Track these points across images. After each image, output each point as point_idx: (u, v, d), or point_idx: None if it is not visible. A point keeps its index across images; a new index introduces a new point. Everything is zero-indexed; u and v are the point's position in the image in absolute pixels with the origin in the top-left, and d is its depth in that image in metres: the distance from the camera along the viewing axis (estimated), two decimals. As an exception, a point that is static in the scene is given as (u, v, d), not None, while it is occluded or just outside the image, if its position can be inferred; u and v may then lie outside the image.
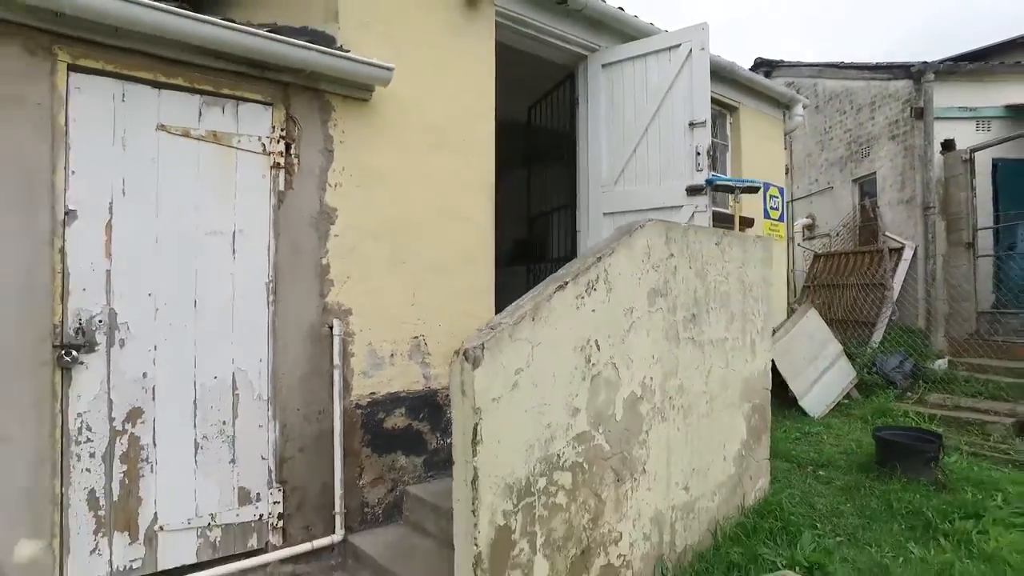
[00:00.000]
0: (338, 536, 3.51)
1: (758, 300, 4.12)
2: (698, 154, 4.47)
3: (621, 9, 5.02)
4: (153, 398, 3.02)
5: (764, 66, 12.98)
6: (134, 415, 2.98)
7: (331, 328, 3.51)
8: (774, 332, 7.00)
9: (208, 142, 3.14)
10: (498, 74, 4.53)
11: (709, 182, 4.42)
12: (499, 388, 2.56)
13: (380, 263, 3.79)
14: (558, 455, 2.81)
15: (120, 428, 2.94)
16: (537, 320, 2.72)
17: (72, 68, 2.77)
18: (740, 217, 5.05)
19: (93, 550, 2.85)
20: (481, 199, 4.29)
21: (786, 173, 12.22)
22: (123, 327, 2.94)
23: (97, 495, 2.88)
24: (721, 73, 6.21)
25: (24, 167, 2.67)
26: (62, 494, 2.79)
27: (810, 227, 11.63)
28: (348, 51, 3.50)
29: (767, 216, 6.92)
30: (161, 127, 3.01)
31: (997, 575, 3.29)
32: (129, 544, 2.96)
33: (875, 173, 9.83)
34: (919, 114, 8.82)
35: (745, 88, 6.57)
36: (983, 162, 8.76)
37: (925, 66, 8.75)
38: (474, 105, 4.25)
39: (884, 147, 9.60)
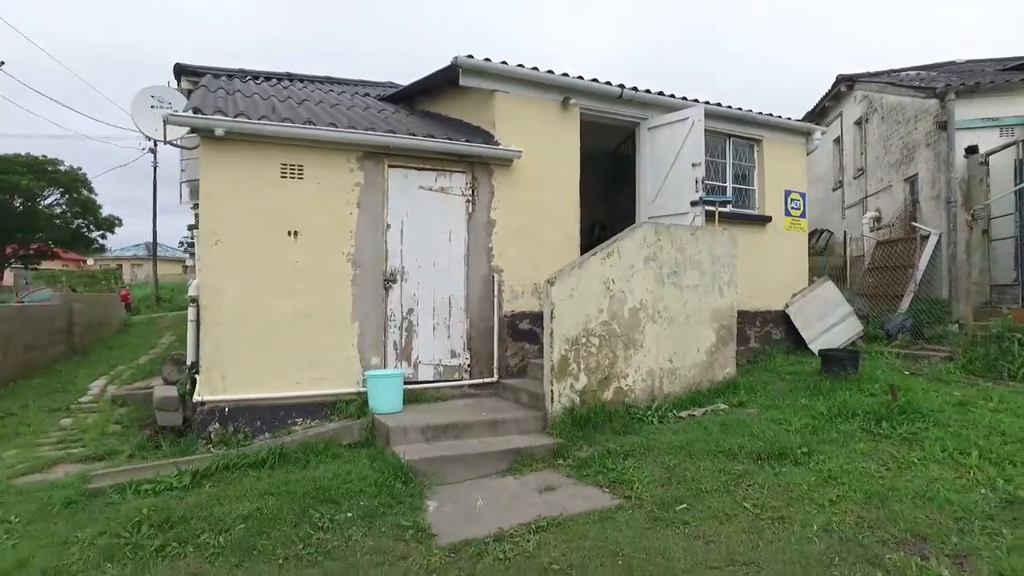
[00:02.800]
0: (495, 378, 7.23)
1: (724, 266, 7.27)
2: (696, 181, 7.65)
3: (660, 93, 8.28)
4: (417, 304, 6.89)
5: (845, 81, 15.18)
6: (409, 312, 6.87)
7: (493, 277, 7.23)
8: (793, 296, 9.80)
9: (438, 192, 6.97)
10: (591, 131, 8.01)
11: (701, 199, 7.58)
12: (563, 295, 6.10)
13: (517, 247, 7.44)
14: (592, 329, 6.29)
15: (404, 316, 6.84)
16: (581, 267, 6.23)
17: (389, 166, 6.70)
18: (738, 214, 8.09)
19: (395, 366, 6.77)
20: (570, 211, 7.81)
21: (858, 177, 14.41)
22: (406, 273, 6.84)
23: (397, 344, 6.80)
24: (745, 118, 9.18)
25: (374, 209, 6.63)
26: (384, 341, 6.73)
27: (877, 219, 13.76)
28: (499, 143, 7.19)
29: (787, 214, 9.71)
30: (420, 187, 6.88)
31: (830, 405, 6.24)
32: (408, 367, 6.85)
33: (917, 174, 11.98)
34: (943, 126, 10.98)
35: (766, 125, 9.43)
36: (1005, 163, 10.71)
37: (947, 88, 10.89)
38: (566, 161, 7.78)
39: (922, 153, 11.75)
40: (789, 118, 9.64)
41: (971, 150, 10.86)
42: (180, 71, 9.79)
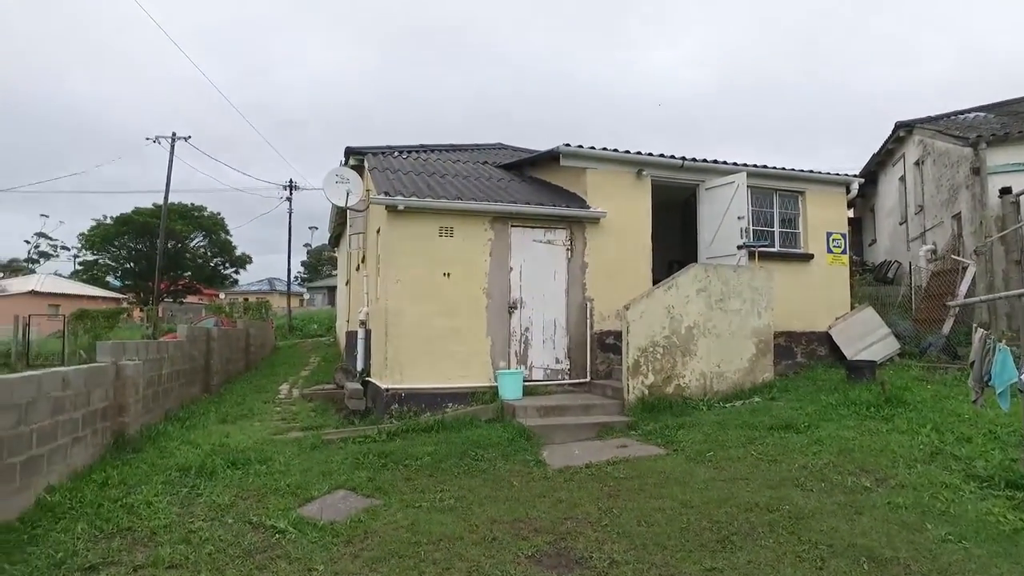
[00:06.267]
0: (588, 379, 9.79)
1: (762, 295, 9.52)
2: (741, 230, 9.97)
3: (715, 161, 10.69)
4: (531, 324, 9.62)
5: (904, 127, 16.84)
6: (526, 330, 9.61)
7: (587, 305, 9.85)
8: (836, 319, 11.75)
9: (546, 243, 9.72)
10: (665, 190, 10.54)
11: (744, 244, 9.88)
12: (635, 317, 8.64)
13: (604, 281, 10.02)
14: (657, 341, 8.77)
15: (522, 332, 9.58)
16: (649, 297, 8.76)
17: (512, 225, 9.54)
18: (796, 252, 10.32)
19: (516, 368, 9.48)
20: (644, 255, 10.33)
21: (918, 213, 15.97)
22: (523, 302, 9.60)
23: (517, 352, 9.53)
24: (789, 176, 11.38)
25: (501, 256, 9.45)
26: (508, 351, 9.47)
27: (934, 252, 15.25)
28: (590, 207, 9.87)
29: (830, 251, 11.73)
30: (533, 240, 9.67)
31: (838, 398, 8.32)
32: (524, 369, 9.55)
33: (960, 212, 13.56)
34: (976, 171, 12.63)
35: (808, 180, 11.56)
36: (1036, 203, 12.21)
37: (979, 139, 12.57)
38: (640, 217, 10.33)
39: (963, 194, 13.36)
40: (829, 172, 11.74)
41: (1004, 191, 12.43)
42: (348, 152, 13.12)
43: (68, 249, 63.47)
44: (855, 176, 12.07)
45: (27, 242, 66.78)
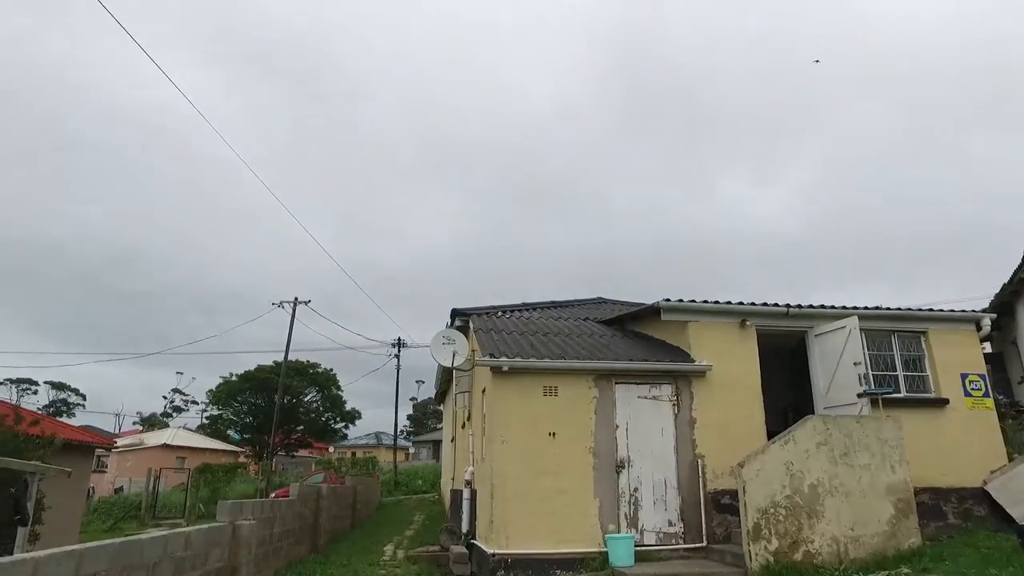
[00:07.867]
0: (704, 543, 9.10)
1: (892, 447, 8.74)
2: (859, 377, 9.41)
3: (822, 306, 10.40)
4: (640, 484, 9.24)
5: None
6: (635, 490, 9.22)
7: (698, 462, 9.40)
8: (991, 473, 10.47)
9: (651, 399, 9.57)
10: (770, 337, 10.25)
11: (865, 392, 9.27)
12: (751, 475, 8.13)
13: (714, 437, 9.61)
14: (778, 501, 8.14)
15: (631, 493, 9.19)
16: (764, 453, 8.27)
17: (616, 383, 9.51)
18: (929, 398, 9.57)
19: (626, 531, 8.99)
20: (755, 406, 9.89)
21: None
22: (631, 462, 9.30)
23: (627, 515, 9.09)
24: (906, 316, 10.82)
25: (606, 414, 9.36)
26: (617, 512, 9.06)
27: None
28: (694, 360, 9.73)
29: (968, 395, 10.73)
30: (638, 396, 9.55)
31: (1014, 573, 7.22)
32: (635, 532, 9.04)
33: (1117, 347, 12.18)
34: None
35: (928, 319, 10.92)
36: None
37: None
38: (747, 367, 10.04)
39: (1116, 327, 12.07)
40: (952, 310, 11.07)
41: None
42: (455, 313, 13.81)
43: (197, 403, 68.70)
44: (984, 312, 11.29)
45: (164, 397, 73.07)
